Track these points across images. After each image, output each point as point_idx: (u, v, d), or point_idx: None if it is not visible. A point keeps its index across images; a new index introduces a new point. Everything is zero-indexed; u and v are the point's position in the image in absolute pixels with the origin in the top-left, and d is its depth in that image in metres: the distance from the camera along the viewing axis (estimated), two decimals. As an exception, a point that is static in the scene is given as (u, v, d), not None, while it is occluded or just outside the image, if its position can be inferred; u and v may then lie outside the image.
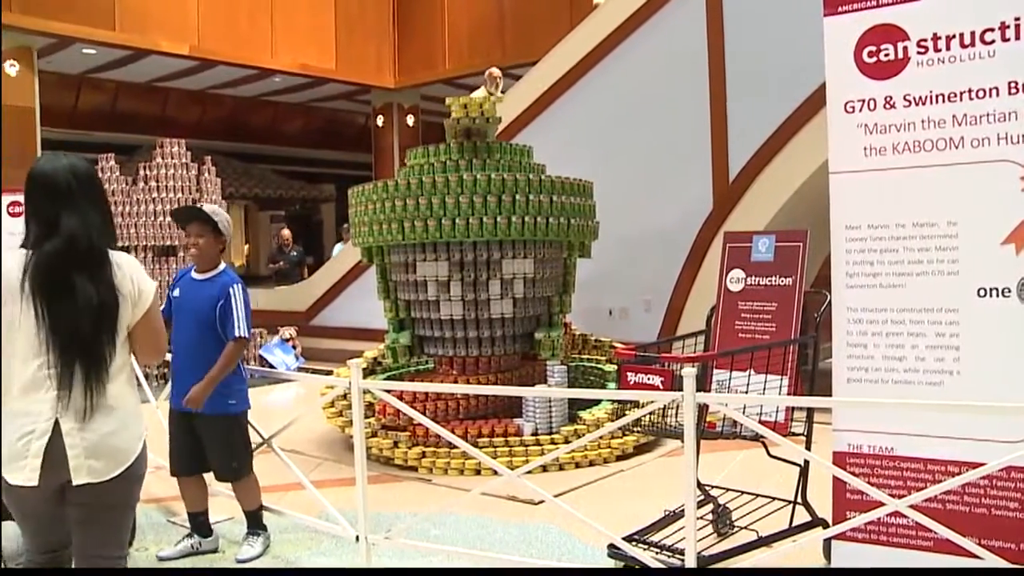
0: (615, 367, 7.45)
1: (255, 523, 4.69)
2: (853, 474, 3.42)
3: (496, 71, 11.55)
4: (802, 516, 4.09)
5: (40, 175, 2.79)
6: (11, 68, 12.74)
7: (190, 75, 16.61)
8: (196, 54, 14.86)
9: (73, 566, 2.84)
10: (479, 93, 11.75)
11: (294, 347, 11.94)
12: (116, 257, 2.80)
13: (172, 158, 10.89)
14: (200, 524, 4.69)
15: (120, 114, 17.84)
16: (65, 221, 2.71)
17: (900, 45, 3.42)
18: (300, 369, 10.98)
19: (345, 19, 16.80)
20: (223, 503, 5.23)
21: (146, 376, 7.18)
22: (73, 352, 2.66)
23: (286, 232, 16.11)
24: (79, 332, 2.67)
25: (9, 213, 6.63)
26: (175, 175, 10.82)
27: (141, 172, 10.84)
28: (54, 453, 2.63)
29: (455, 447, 5.23)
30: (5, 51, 12.70)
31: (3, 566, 3.77)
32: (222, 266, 4.57)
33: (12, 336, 2.67)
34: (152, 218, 10.62)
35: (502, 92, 11.12)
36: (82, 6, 13.17)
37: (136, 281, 2.80)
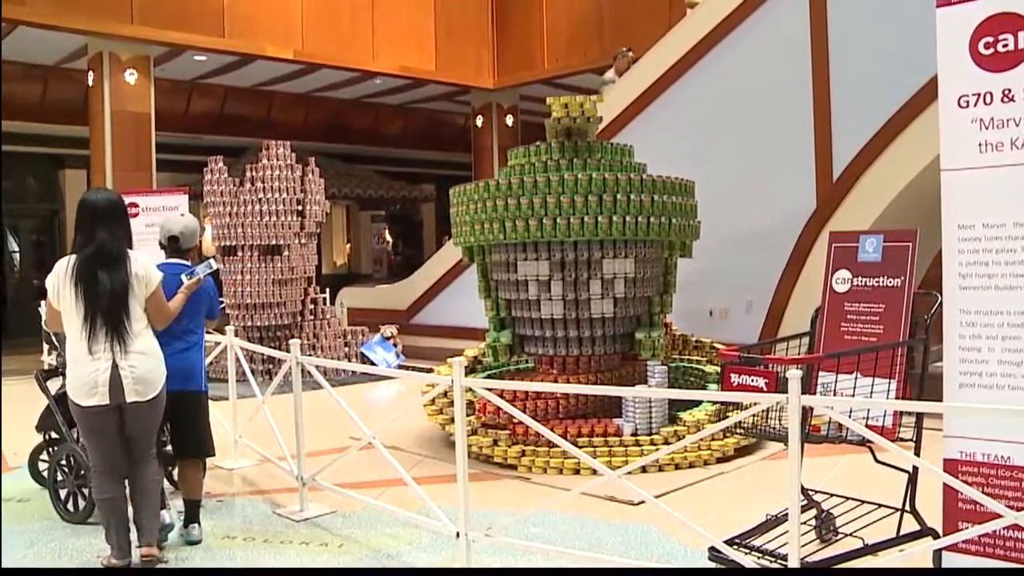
0: (716, 368, 7.36)
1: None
2: (965, 483, 3.29)
3: None
4: (910, 525, 3.96)
5: (89, 202, 4.24)
6: (130, 76, 13.31)
7: (294, 79, 17.00)
8: (300, 58, 15.19)
9: (130, 464, 4.32)
10: None
11: (395, 345, 12.14)
12: (135, 255, 4.26)
13: (277, 159, 11.17)
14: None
15: (228, 117, 18.38)
16: (99, 234, 4.16)
17: (1021, 35, 3.27)
18: (400, 367, 11.14)
19: (445, 21, 16.97)
20: (325, 496, 5.36)
21: (252, 372, 7.39)
22: (100, 317, 4.11)
23: None
24: (101, 306, 4.11)
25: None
26: (280, 176, 11.09)
27: (248, 173, 11.14)
28: (113, 382, 4.11)
29: (555, 446, 5.23)
30: (125, 60, 13.28)
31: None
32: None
33: (68, 310, 4.15)
34: (259, 218, 10.91)
35: None
36: (194, 16, 13.64)
37: (146, 269, 4.28)
